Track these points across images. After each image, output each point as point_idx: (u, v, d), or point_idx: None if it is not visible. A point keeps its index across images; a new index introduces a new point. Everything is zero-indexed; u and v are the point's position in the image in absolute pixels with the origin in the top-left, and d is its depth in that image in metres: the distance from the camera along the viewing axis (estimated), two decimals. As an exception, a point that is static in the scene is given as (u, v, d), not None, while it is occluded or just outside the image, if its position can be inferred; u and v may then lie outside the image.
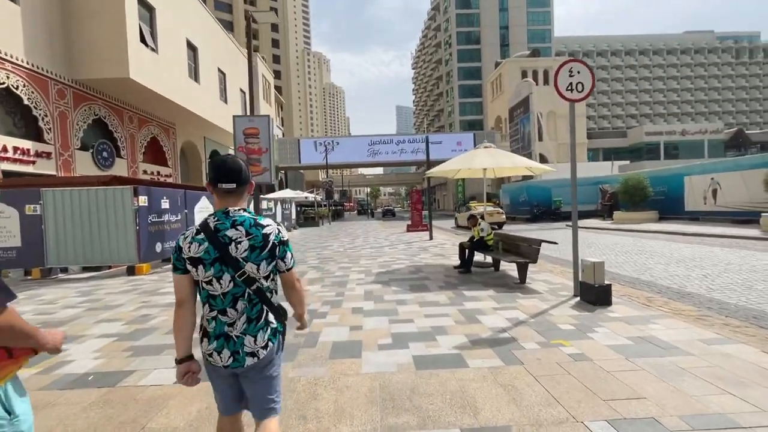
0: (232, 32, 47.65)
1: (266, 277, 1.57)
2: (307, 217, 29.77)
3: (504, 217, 23.49)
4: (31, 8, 13.24)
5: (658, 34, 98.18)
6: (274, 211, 19.75)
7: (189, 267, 1.52)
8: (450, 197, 61.49)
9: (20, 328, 1.11)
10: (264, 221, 1.57)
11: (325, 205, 33.98)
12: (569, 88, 5.10)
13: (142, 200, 8.45)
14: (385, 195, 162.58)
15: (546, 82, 40.70)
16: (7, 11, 12.43)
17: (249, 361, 1.53)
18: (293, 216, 25.34)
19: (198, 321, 1.61)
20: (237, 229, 1.51)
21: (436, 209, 64.80)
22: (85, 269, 9.02)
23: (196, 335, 1.62)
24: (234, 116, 10.13)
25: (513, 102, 31.47)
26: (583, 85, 5.09)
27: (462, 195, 51.81)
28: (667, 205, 18.00)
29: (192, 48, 21.15)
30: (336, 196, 59.42)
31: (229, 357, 1.53)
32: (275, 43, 78.13)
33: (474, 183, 55.22)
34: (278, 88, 72.25)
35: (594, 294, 4.72)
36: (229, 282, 1.51)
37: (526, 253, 6.13)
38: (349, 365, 3.19)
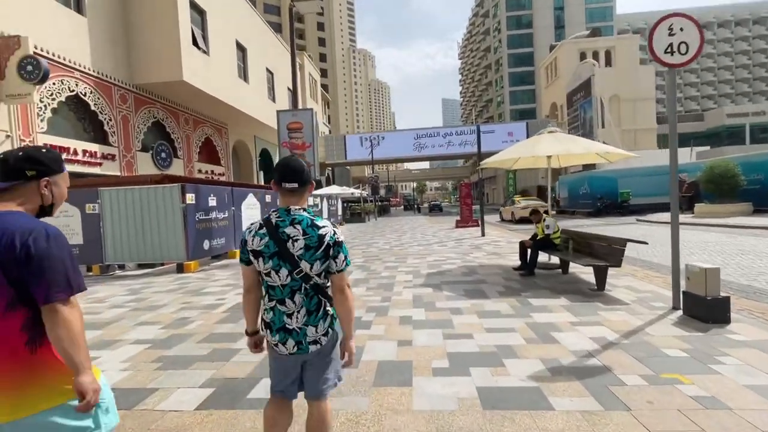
0: (280, 33, 49.01)
1: (320, 275, 1.63)
2: (353, 213, 29.72)
3: (547, 208, 21.11)
4: (96, 18, 14.03)
5: (741, 3, 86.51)
6: (320, 207, 19.72)
7: (252, 259, 1.62)
8: (500, 191, 58.90)
9: (79, 330, 1.16)
10: (320, 222, 1.64)
11: (371, 201, 33.78)
12: (668, 50, 4.07)
13: (190, 198, 8.47)
14: (431, 190, 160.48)
15: (608, 63, 37.23)
16: (76, 23, 13.26)
17: (313, 348, 1.63)
18: (339, 212, 25.33)
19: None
20: (295, 228, 1.59)
21: (485, 203, 62.35)
22: (140, 266, 9.29)
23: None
24: (278, 111, 9.96)
25: (572, 86, 29.02)
26: (687, 46, 4.04)
27: (513, 188, 49.35)
28: (763, 195, 15.44)
29: (241, 49, 21.63)
30: (382, 192, 59.35)
31: (294, 346, 1.62)
32: (321, 42, 79.38)
33: (526, 175, 52.34)
34: (324, 86, 73.39)
35: (705, 308, 3.73)
36: (287, 276, 1.59)
37: (605, 254, 5.16)
38: (397, 397, 2.60)
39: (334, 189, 25.43)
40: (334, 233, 1.63)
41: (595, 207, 21.82)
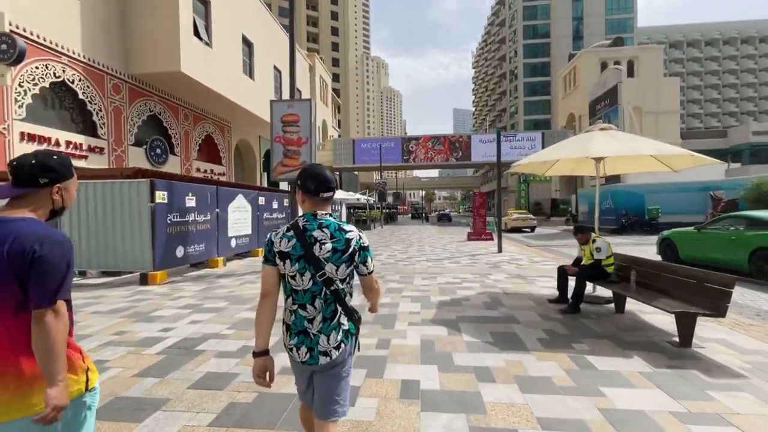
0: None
1: (343, 280, 1.64)
2: (358, 219, 28.38)
3: (535, 222, 22.41)
4: (91, 1, 13.02)
5: (754, 20, 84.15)
6: (322, 212, 18.40)
7: (278, 261, 1.62)
8: (512, 203, 57.15)
9: (61, 338, 1.19)
10: (347, 227, 1.67)
11: (377, 208, 32.41)
12: None
13: (161, 196, 7.18)
14: (440, 199, 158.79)
15: (630, 74, 35.59)
16: (66, 4, 12.22)
17: (322, 359, 1.60)
18: (343, 219, 24.00)
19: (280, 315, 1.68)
20: (323, 231, 1.61)
21: (495, 216, 60.61)
22: (105, 273, 8.02)
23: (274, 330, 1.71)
24: (271, 101, 8.70)
25: (595, 94, 27.42)
26: None
27: (526, 200, 47.68)
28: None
29: (247, 44, 20.62)
30: (389, 199, 57.99)
31: (306, 353, 1.61)
32: (335, 47, 78.96)
33: (540, 188, 50.62)
34: (336, 91, 72.80)
35: None
36: (309, 279, 1.60)
37: (691, 294, 3.69)
38: None
39: (338, 194, 24.14)
40: (360, 238, 1.67)
41: (619, 224, 20.15)
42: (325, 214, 1.66)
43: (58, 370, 1.16)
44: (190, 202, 8.06)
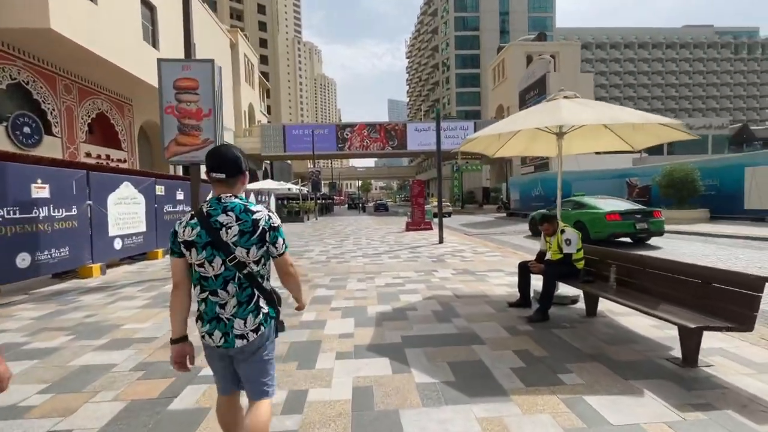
0: (215, 12, 43.21)
1: (257, 262, 1.59)
2: (290, 211, 26.32)
3: (450, 208, 25.08)
4: None
5: (658, 28, 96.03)
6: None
7: (183, 250, 1.57)
8: (445, 191, 58.40)
9: None
10: (254, 207, 1.60)
11: (311, 199, 30.49)
12: None
13: (-19, 184, 5.01)
14: (376, 189, 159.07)
15: (554, 68, 37.50)
16: None
17: (239, 342, 1.57)
18: (272, 210, 21.86)
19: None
20: (228, 215, 1.55)
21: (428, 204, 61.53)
22: None
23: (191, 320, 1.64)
24: (159, 59, 6.73)
25: (524, 84, 28.18)
26: None
27: (459, 189, 48.81)
28: (718, 202, 15.03)
29: (149, 6, 17.45)
30: (325, 189, 55.88)
31: (221, 338, 1.58)
32: (262, 26, 73.52)
33: (472, 177, 52.19)
34: (266, 75, 67.95)
35: None
36: (221, 265, 1.55)
37: (696, 300, 2.90)
38: None
39: (266, 183, 21.90)
40: (269, 218, 1.60)
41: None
42: (230, 196, 1.60)
43: None
44: (40, 191, 5.88)
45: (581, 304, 4.50)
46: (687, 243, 10.24)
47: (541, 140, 5.38)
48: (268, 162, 43.02)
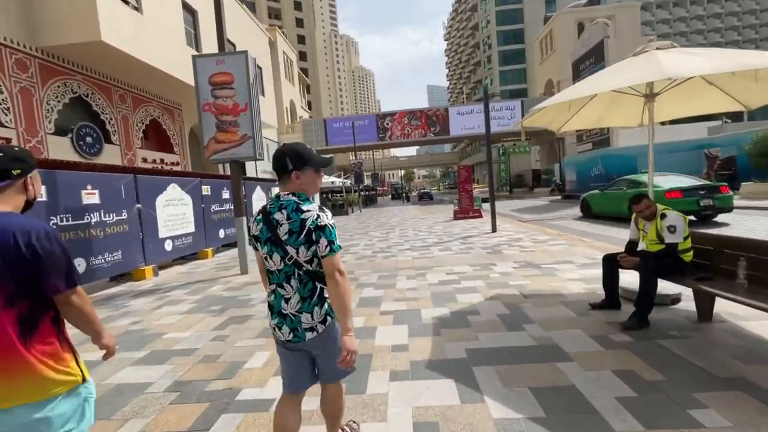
0: (254, 13, 44.09)
1: (309, 262, 1.57)
2: (334, 204, 26.35)
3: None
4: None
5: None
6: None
7: (255, 244, 1.67)
8: (492, 177, 56.03)
9: (88, 311, 1.35)
10: (306, 206, 1.57)
11: (355, 191, 30.39)
12: None
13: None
14: (419, 178, 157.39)
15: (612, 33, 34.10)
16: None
17: (309, 335, 1.59)
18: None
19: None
20: (282, 213, 1.57)
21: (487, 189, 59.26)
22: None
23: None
24: (194, 56, 6.58)
25: (578, 53, 25.72)
26: None
27: (506, 173, 46.56)
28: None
29: (190, 11, 17.87)
30: (368, 181, 55.86)
31: (290, 332, 1.60)
32: (299, 23, 74.44)
33: (521, 160, 49.53)
34: (305, 71, 68.95)
35: None
36: (280, 261, 1.58)
37: None
38: None
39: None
40: (318, 216, 1.55)
41: (611, 190, 18.94)
42: (288, 194, 1.61)
43: (99, 328, 1.41)
44: (90, 197, 5.97)
45: (684, 305, 3.66)
46: (796, 221, 8.60)
47: (621, 106, 4.48)
48: (312, 157, 43.63)
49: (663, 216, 3.30)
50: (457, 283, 5.13)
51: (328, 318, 1.61)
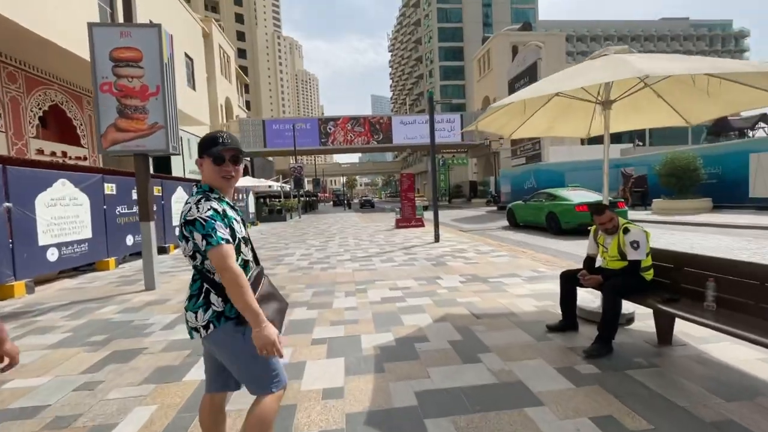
0: (188, 2, 40.69)
1: (192, 257, 1.48)
2: (271, 210, 24.82)
3: (428, 202, 24.65)
4: None
5: (636, 20, 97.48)
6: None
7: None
8: (430, 187, 57.45)
9: None
10: (190, 198, 1.48)
11: (294, 196, 29.00)
12: None
13: None
14: (361, 185, 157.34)
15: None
16: None
17: (195, 335, 1.51)
18: (250, 209, 20.35)
19: None
20: (186, 205, 1.49)
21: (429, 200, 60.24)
22: None
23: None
24: (89, 23, 5.37)
25: (514, 72, 27.17)
26: None
27: (446, 184, 47.95)
28: (721, 190, 14.41)
29: (105, -15, 15.69)
30: (309, 186, 54.19)
31: (186, 327, 1.53)
32: (239, 18, 70.89)
33: (459, 172, 51.40)
34: (244, 69, 65.58)
35: None
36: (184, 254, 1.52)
37: None
38: None
39: (243, 181, 20.39)
40: (190, 209, 1.43)
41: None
42: (196, 183, 1.56)
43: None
44: (-72, 192, 4.49)
45: (639, 324, 3.46)
46: (699, 235, 9.42)
47: (574, 115, 4.31)
48: (248, 159, 41.20)
49: (626, 230, 3.04)
50: (401, 301, 4.58)
51: (212, 326, 1.46)
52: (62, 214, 6.67)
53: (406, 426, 2.09)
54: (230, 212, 1.51)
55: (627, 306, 3.50)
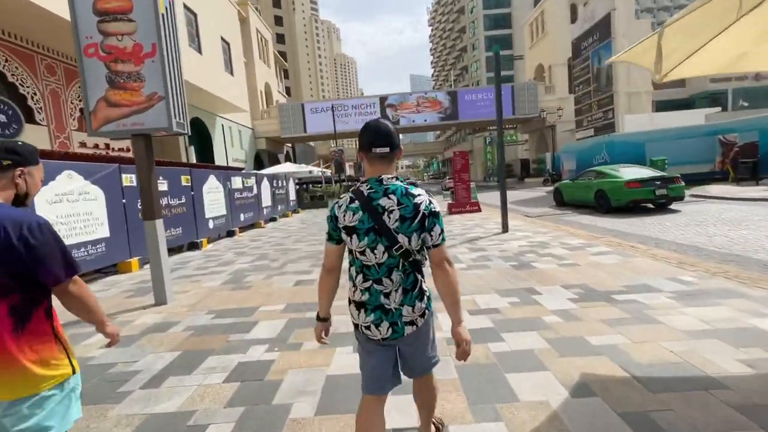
0: None
1: (418, 251, 1.48)
2: (313, 196, 23.95)
3: (473, 184, 22.91)
4: None
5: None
6: (255, 191, 13.92)
7: (344, 236, 1.48)
8: (477, 167, 54.35)
9: (89, 300, 1.34)
10: (415, 191, 1.46)
11: (336, 181, 28.00)
12: None
13: None
14: (402, 167, 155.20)
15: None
16: None
17: (408, 330, 1.49)
18: (291, 196, 19.46)
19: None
20: (389, 198, 1.42)
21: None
22: None
23: (338, 302, 1.63)
24: (64, -33, 4.19)
25: (579, 30, 23.67)
26: None
27: (493, 163, 44.92)
28: None
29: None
30: (350, 170, 53.31)
31: (388, 328, 1.48)
32: (276, 3, 70.25)
33: (508, 149, 47.90)
34: (283, 54, 65.20)
35: None
36: (383, 253, 1.44)
37: None
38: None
39: (284, 167, 19.53)
40: (430, 202, 1.44)
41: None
42: (392, 177, 1.47)
43: (102, 317, 1.40)
44: None
45: None
46: None
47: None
48: (290, 145, 40.80)
49: None
50: (495, 339, 3.01)
51: (427, 312, 1.51)
52: (70, 211, 5.76)
53: None
54: None
55: None
